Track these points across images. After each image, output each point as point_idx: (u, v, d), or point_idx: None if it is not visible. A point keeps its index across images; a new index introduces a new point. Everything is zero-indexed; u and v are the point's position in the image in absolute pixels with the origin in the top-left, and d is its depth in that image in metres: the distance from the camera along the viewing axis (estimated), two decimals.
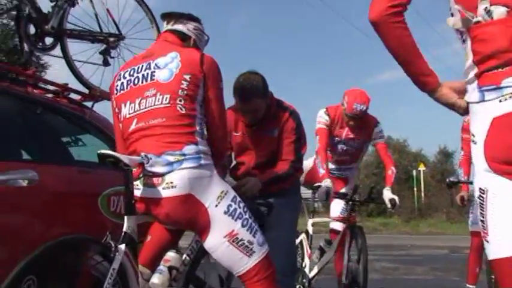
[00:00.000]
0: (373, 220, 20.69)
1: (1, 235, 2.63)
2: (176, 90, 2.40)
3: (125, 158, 2.27)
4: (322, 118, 4.69)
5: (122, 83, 2.54)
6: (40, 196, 2.88)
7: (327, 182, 4.29)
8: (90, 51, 3.96)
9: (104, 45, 3.99)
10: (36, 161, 3.08)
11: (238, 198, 2.45)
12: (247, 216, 2.43)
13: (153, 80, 2.44)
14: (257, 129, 3.27)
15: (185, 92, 2.40)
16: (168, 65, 2.44)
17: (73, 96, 3.76)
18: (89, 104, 3.82)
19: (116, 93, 2.57)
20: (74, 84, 3.79)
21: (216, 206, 2.35)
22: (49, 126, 3.34)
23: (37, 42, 3.58)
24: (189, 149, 2.35)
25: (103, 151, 2.28)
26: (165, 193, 2.32)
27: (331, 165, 4.88)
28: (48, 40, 3.71)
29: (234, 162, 3.55)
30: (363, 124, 4.68)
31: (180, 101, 2.39)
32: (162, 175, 2.33)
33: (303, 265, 4.48)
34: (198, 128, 2.43)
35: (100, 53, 3.97)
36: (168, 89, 2.40)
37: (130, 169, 2.34)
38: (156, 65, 2.47)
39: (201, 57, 2.48)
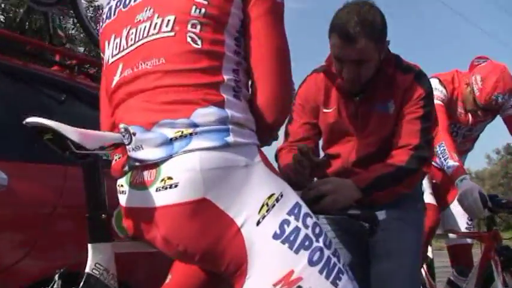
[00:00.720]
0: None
1: None
2: (186, 8, 1.28)
3: (70, 133, 1.17)
4: (437, 90, 3.04)
5: (110, 7, 1.48)
6: (8, 208, 1.91)
7: (466, 180, 2.79)
8: None
9: None
10: (8, 158, 2.04)
11: (304, 209, 1.27)
12: (321, 243, 1.23)
13: None
14: (362, 102, 1.98)
15: (203, 10, 1.27)
16: None
17: None
18: None
19: (102, 26, 1.52)
20: None
21: (259, 223, 1.21)
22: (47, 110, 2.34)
23: None
24: (205, 114, 1.22)
25: (31, 119, 1.18)
26: (159, 198, 1.23)
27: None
28: None
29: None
30: None
31: (194, 26, 1.27)
32: (155, 165, 1.24)
33: None
34: (227, 76, 1.28)
35: None
36: (172, 6, 1.31)
37: (95, 155, 1.24)
38: None
39: None
